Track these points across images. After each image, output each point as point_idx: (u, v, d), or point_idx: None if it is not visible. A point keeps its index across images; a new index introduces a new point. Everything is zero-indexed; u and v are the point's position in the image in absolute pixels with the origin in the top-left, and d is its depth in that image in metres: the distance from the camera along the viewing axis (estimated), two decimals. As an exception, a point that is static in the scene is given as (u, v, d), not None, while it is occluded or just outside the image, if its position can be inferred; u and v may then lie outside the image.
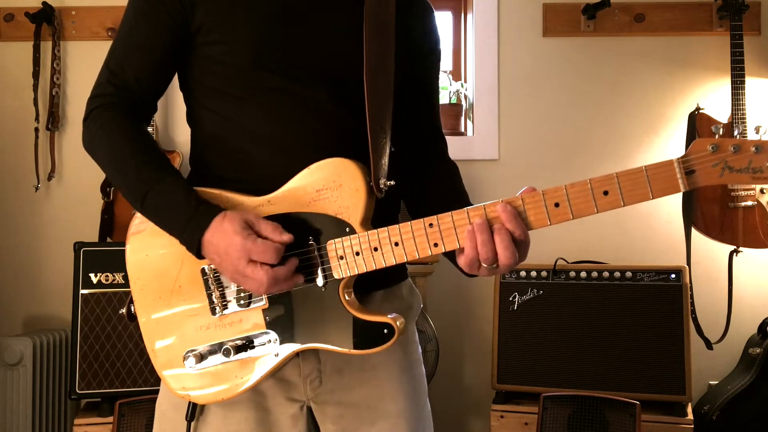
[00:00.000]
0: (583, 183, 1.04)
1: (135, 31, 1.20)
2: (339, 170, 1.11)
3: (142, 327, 1.22)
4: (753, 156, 0.98)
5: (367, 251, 1.10)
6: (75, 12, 3.03)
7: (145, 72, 1.21)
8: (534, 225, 1.08)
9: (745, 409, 2.65)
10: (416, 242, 1.09)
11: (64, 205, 3.01)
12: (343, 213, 1.11)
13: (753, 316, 2.86)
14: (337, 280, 1.12)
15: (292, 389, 1.23)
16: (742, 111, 2.78)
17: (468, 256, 1.06)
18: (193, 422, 1.22)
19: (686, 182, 1.00)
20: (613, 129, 3.05)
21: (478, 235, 1.04)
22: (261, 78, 1.16)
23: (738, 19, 2.81)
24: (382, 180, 1.13)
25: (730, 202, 2.77)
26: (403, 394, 1.25)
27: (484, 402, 2.77)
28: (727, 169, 0.99)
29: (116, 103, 1.20)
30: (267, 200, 1.14)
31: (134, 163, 1.16)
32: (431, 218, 1.09)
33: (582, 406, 2.39)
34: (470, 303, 3.06)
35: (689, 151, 1.00)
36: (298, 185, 1.13)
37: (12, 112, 3.02)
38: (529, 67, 3.08)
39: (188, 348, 1.18)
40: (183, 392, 1.20)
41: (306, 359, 1.21)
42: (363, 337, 1.11)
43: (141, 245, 1.21)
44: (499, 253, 1.05)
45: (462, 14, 3.31)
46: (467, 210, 1.07)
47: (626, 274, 2.52)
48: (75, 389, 2.46)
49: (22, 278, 3.01)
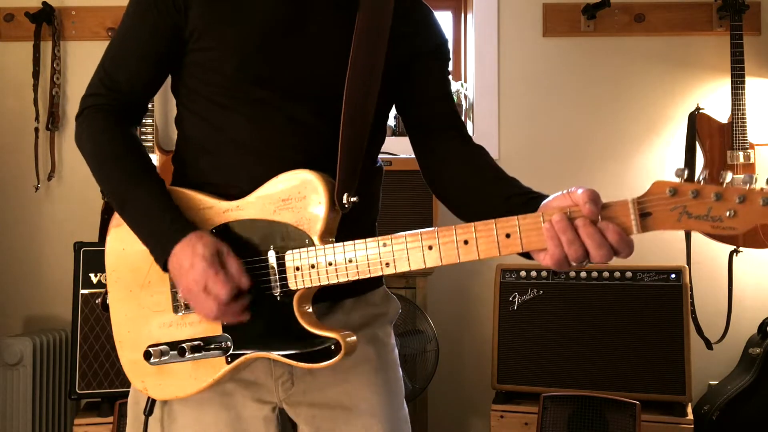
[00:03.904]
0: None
1: (130, 34, 1.22)
2: (304, 182, 1.12)
3: (112, 318, 1.24)
4: (713, 203, 0.92)
5: (322, 265, 1.10)
6: (75, 12, 3.03)
7: (137, 75, 1.23)
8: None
9: (745, 409, 2.65)
10: (369, 261, 1.08)
11: (64, 205, 3.02)
12: (304, 224, 1.11)
13: (753, 316, 2.86)
14: (293, 291, 1.12)
15: (262, 391, 1.22)
16: (742, 111, 2.78)
17: (552, 255, 1.00)
18: (161, 423, 1.23)
19: (639, 225, 0.97)
20: (613, 129, 3.05)
21: (562, 234, 0.99)
22: (244, 88, 1.18)
23: (738, 19, 2.81)
24: (345, 195, 1.13)
25: (730, 202, 2.77)
26: (377, 395, 1.25)
27: (484, 402, 2.77)
28: (685, 215, 0.94)
29: (107, 104, 1.22)
30: (236, 205, 1.16)
31: (117, 168, 1.19)
32: (385, 237, 1.08)
33: (582, 406, 2.39)
34: (470, 303, 3.06)
35: (647, 192, 0.96)
36: (266, 193, 1.14)
37: (12, 112, 3.03)
38: (529, 67, 3.08)
39: (150, 343, 1.19)
40: (141, 386, 1.21)
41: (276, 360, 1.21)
42: (310, 351, 1.11)
43: (120, 238, 1.23)
44: (591, 251, 0.99)
45: (462, 14, 3.31)
46: (420, 232, 1.06)
47: (626, 274, 2.52)
48: (75, 389, 2.46)
49: (22, 278, 3.01)
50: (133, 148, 1.21)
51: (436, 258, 1.05)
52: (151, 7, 1.19)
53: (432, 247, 1.05)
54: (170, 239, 1.12)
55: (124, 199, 1.17)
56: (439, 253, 1.05)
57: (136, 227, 1.17)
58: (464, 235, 1.03)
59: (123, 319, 1.23)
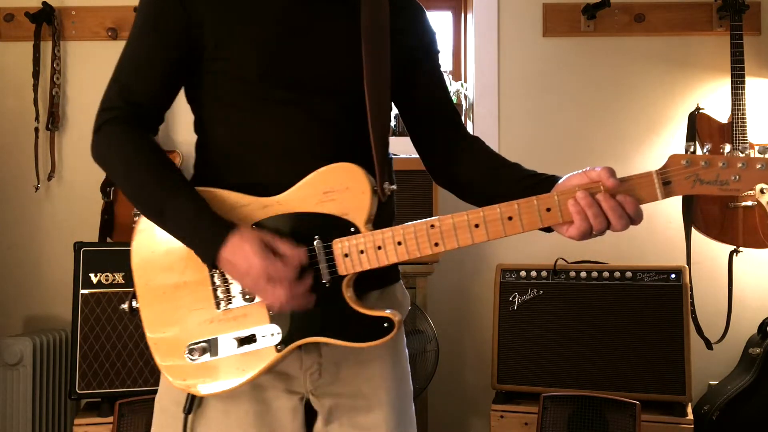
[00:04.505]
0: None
1: (144, 46, 1.23)
2: (347, 174, 1.17)
3: (144, 321, 1.25)
4: (720, 170, 1.12)
5: (371, 250, 1.16)
6: (75, 12, 3.03)
7: (153, 87, 1.24)
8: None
9: (745, 409, 2.65)
10: (418, 242, 1.16)
11: (64, 205, 3.02)
12: (348, 214, 1.17)
13: (753, 316, 2.86)
14: (341, 276, 1.17)
15: (292, 382, 1.26)
16: (742, 111, 2.78)
17: (579, 228, 1.13)
18: (191, 416, 1.25)
19: (663, 192, 1.13)
20: (613, 129, 3.05)
21: (588, 209, 1.12)
22: (268, 91, 1.21)
23: (738, 19, 2.81)
24: (386, 184, 1.20)
25: (730, 202, 2.77)
26: (394, 388, 1.32)
27: (484, 402, 2.77)
28: (698, 181, 1.13)
29: (126, 116, 1.23)
30: (276, 201, 1.19)
31: (150, 177, 1.20)
32: (433, 219, 1.16)
33: (582, 406, 2.39)
34: (470, 303, 3.06)
35: (666, 164, 1.13)
36: (306, 187, 1.18)
37: (12, 112, 3.02)
38: (529, 67, 3.08)
39: (191, 341, 1.21)
40: (183, 384, 1.22)
41: (308, 352, 1.25)
42: (364, 331, 1.17)
43: (147, 242, 1.25)
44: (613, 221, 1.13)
45: (462, 14, 3.31)
46: (467, 213, 1.15)
47: (626, 274, 2.52)
48: (75, 389, 2.46)
49: (22, 278, 3.01)
50: (161, 157, 1.23)
51: (483, 234, 1.15)
52: (163, 18, 1.21)
53: (478, 225, 1.15)
54: (215, 243, 1.14)
55: (163, 207, 1.18)
56: (486, 230, 1.15)
57: (178, 232, 1.18)
58: (508, 213, 1.15)
59: (158, 321, 1.23)
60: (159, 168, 1.20)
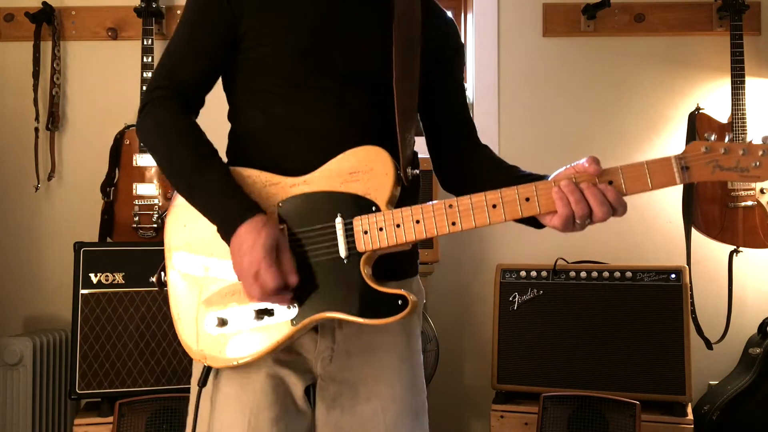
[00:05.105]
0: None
1: (191, 36, 1.33)
2: (372, 156, 1.23)
3: (171, 293, 1.30)
4: (740, 157, 1.14)
5: (390, 227, 1.20)
6: (75, 12, 3.03)
7: (198, 72, 1.33)
8: None
9: (745, 409, 2.65)
10: (436, 221, 1.20)
11: (64, 205, 3.02)
12: (371, 193, 1.22)
13: (753, 316, 2.86)
14: (360, 253, 1.21)
15: (306, 362, 1.32)
16: (742, 111, 2.78)
17: (562, 215, 1.17)
18: (207, 389, 1.29)
19: (681, 176, 1.14)
20: (613, 129, 3.05)
21: (570, 195, 1.16)
22: (301, 79, 1.28)
23: (738, 19, 2.82)
24: (408, 169, 1.27)
25: (730, 202, 2.77)
26: (399, 381, 1.34)
27: (484, 402, 2.77)
28: (717, 168, 1.14)
29: (171, 96, 1.31)
30: (303, 180, 1.24)
31: (186, 151, 1.26)
32: (451, 200, 1.20)
33: (582, 406, 2.39)
34: (470, 303, 3.06)
35: (686, 150, 1.15)
36: (333, 167, 1.24)
37: (12, 112, 3.02)
38: (529, 67, 3.08)
39: (212, 311, 1.25)
40: (200, 355, 1.26)
41: (324, 336, 1.31)
42: (378, 308, 1.20)
43: (180, 216, 1.30)
44: (594, 209, 1.16)
45: (462, 14, 3.32)
46: (484, 194, 1.19)
47: (626, 274, 2.52)
48: (75, 389, 2.46)
49: (22, 278, 3.01)
50: (199, 134, 1.29)
51: (500, 214, 1.19)
52: (209, 9, 1.30)
53: (496, 206, 1.19)
54: (239, 217, 1.19)
55: (195, 181, 1.23)
56: (503, 210, 1.18)
57: (205, 207, 1.24)
58: (526, 193, 1.19)
59: (184, 292, 1.28)
60: (195, 145, 1.27)
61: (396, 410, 1.32)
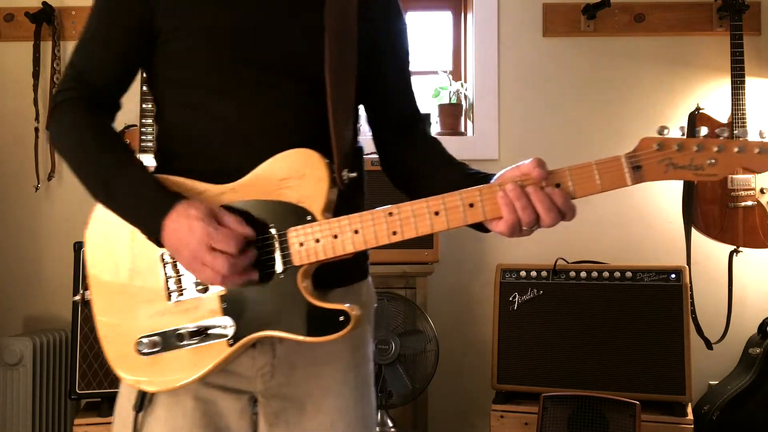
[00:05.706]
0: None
1: (97, 29, 1.23)
2: (303, 160, 1.13)
3: (95, 313, 1.22)
4: (694, 154, 1.05)
5: (327, 238, 1.12)
6: (75, 12, 3.03)
7: (109, 70, 1.23)
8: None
9: (745, 409, 2.65)
10: (376, 230, 1.11)
11: (64, 205, 3.01)
12: (304, 201, 1.13)
13: (753, 316, 2.86)
14: (296, 267, 1.13)
15: (242, 381, 1.23)
16: (742, 111, 2.78)
17: (508, 221, 1.09)
18: (141, 414, 1.21)
19: (633, 177, 1.06)
20: (613, 129, 3.05)
21: (516, 201, 1.08)
22: (223, 73, 1.19)
23: (738, 19, 2.82)
24: (344, 171, 1.15)
25: (730, 202, 2.77)
26: (347, 392, 1.27)
27: (484, 402, 2.77)
28: (671, 166, 1.05)
29: (79, 97, 1.22)
30: (231, 188, 1.15)
31: (95, 153, 1.17)
32: (391, 207, 1.11)
33: (582, 406, 2.39)
34: (470, 303, 3.06)
35: (637, 148, 1.06)
36: (262, 174, 1.15)
37: (12, 112, 3.03)
38: (529, 67, 3.08)
39: (141, 334, 1.17)
40: (133, 380, 1.18)
41: (262, 352, 1.22)
42: (318, 325, 1.12)
43: (99, 230, 1.22)
44: (542, 215, 1.08)
45: (462, 14, 3.31)
46: (426, 200, 1.11)
47: (626, 274, 2.52)
48: (75, 389, 2.46)
49: (22, 278, 3.01)
50: (111, 136, 1.20)
51: (443, 222, 1.10)
52: (119, 2, 1.20)
53: (438, 213, 1.10)
54: (160, 211, 1.11)
55: (109, 184, 1.15)
56: (446, 218, 1.10)
57: (122, 209, 1.16)
58: (470, 199, 1.10)
59: (108, 312, 1.21)
60: (107, 146, 1.18)
61: (346, 423, 1.26)
